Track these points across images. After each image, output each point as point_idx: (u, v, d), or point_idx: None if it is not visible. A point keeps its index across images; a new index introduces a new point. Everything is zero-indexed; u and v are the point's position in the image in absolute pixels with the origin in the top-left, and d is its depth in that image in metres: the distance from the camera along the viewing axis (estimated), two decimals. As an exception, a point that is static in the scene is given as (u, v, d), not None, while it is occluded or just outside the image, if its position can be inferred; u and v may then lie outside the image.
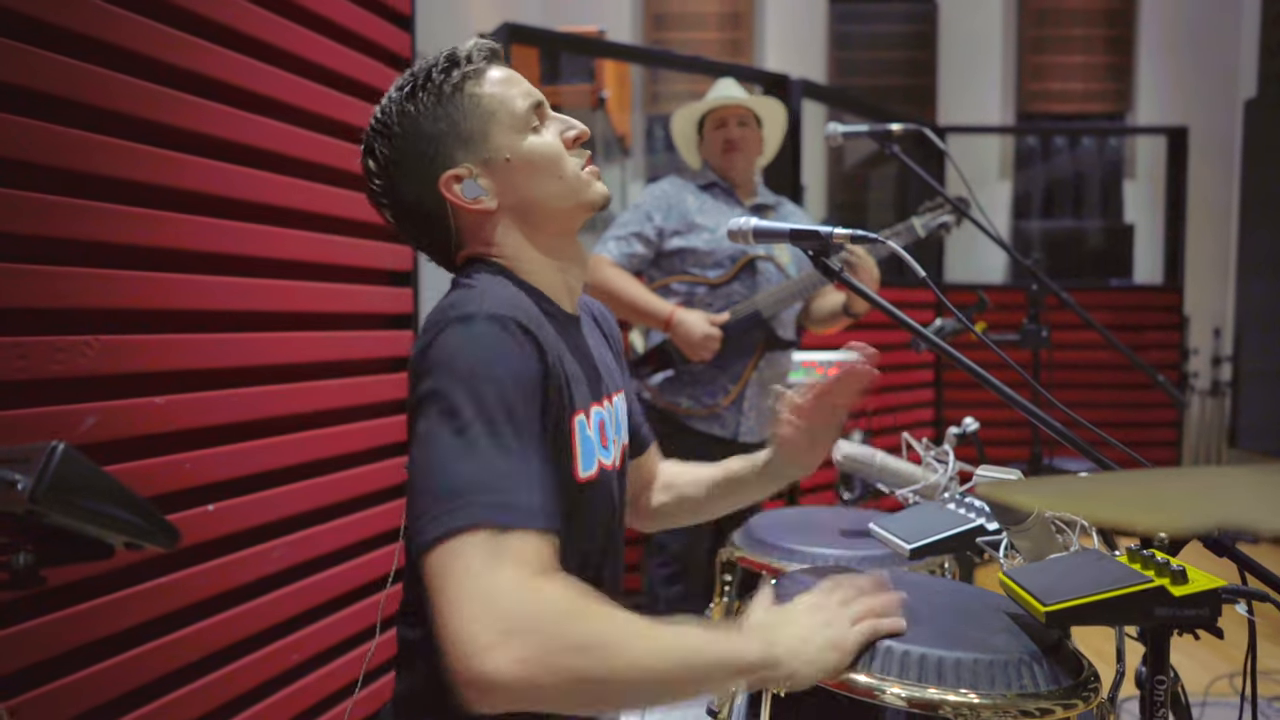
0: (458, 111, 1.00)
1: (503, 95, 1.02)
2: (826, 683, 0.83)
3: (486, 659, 0.69)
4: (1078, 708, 0.82)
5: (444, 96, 1.00)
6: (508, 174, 1.01)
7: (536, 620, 0.71)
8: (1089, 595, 0.81)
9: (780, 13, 5.24)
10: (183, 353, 1.43)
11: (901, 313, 1.15)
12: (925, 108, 5.20)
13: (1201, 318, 5.05)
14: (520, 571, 0.73)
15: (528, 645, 0.70)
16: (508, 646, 0.69)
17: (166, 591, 1.36)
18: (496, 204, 1.01)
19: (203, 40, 1.47)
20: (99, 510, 0.68)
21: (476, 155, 1.01)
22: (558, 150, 1.03)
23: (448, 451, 0.79)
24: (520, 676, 0.69)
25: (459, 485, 0.76)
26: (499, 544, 0.74)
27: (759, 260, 2.25)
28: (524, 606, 0.72)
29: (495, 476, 0.77)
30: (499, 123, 1.01)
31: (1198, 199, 4.80)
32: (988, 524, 1.17)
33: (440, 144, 1.00)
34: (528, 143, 1.02)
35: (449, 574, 0.73)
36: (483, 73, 1.02)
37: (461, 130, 1.00)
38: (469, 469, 0.77)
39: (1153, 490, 0.44)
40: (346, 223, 1.85)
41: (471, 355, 0.84)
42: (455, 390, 0.82)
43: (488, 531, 0.74)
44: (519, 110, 1.02)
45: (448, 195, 1.00)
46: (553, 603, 0.73)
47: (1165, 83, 5.18)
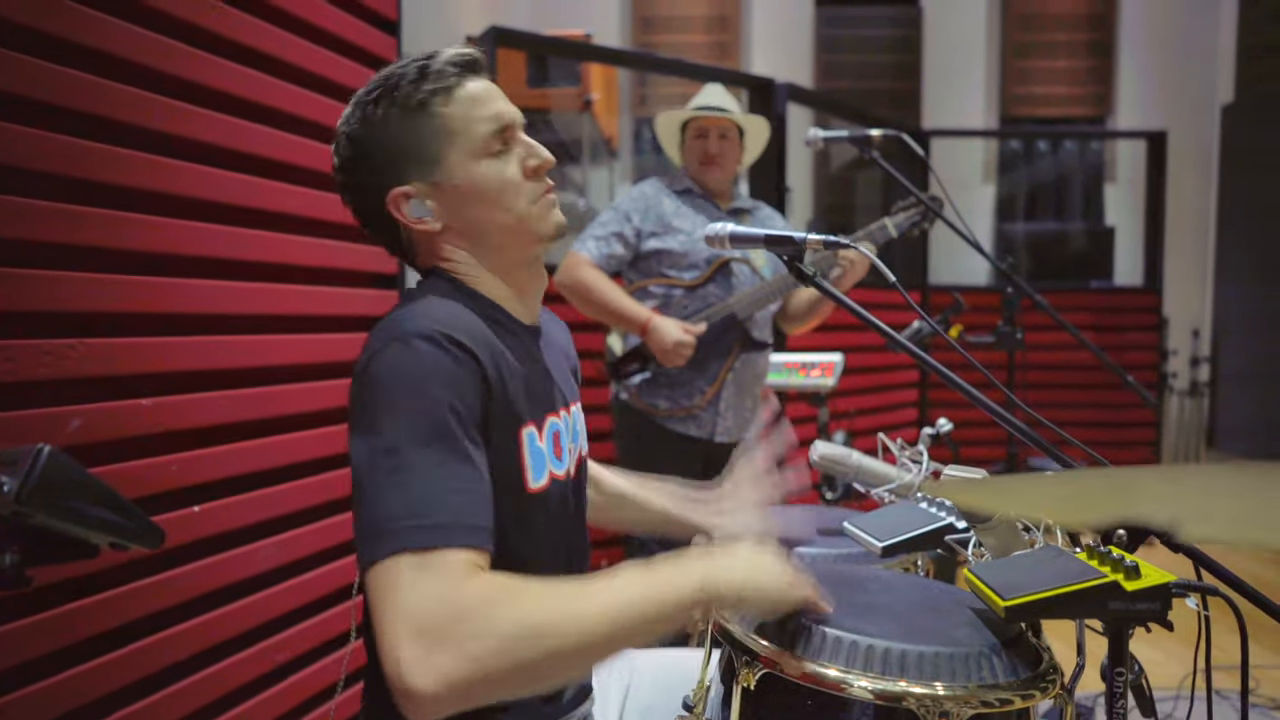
0: (417, 128, 0.99)
1: (466, 116, 0.99)
2: (792, 675, 0.85)
3: (417, 675, 0.71)
4: (1035, 698, 0.85)
5: (406, 110, 0.98)
6: (456, 199, 1.00)
7: (458, 625, 0.73)
8: (1046, 590, 0.84)
9: (767, 16, 5.28)
10: (168, 355, 1.45)
11: (872, 315, 1.18)
12: (910, 111, 5.24)
13: (1180, 319, 5.11)
14: (443, 584, 0.76)
15: (452, 653, 0.72)
16: (431, 659, 0.72)
17: (153, 592, 1.38)
18: (441, 226, 1.01)
19: (187, 45, 1.49)
20: (84, 511, 0.70)
21: (427, 176, 1.00)
22: (511, 182, 1.01)
23: (374, 479, 0.82)
24: (452, 684, 0.72)
25: (383, 513, 0.79)
26: (422, 564, 0.76)
27: (734, 263, 2.28)
28: (445, 615, 0.74)
29: (418, 501, 0.80)
30: (456, 146, 0.99)
31: (1177, 202, 4.86)
32: (957, 522, 1.20)
33: (393, 158, 0.99)
34: (481, 171, 1.00)
35: (376, 599, 0.77)
36: (453, 89, 1.00)
37: (417, 148, 0.99)
38: (393, 497, 0.80)
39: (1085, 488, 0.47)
40: (332, 226, 1.87)
41: (403, 376, 0.85)
42: (384, 415, 0.84)
43: (410, 554, 0.77)
44: (479, 135, 0.99)
45: (393, 212, 1.00)
46: (475, 602, 0.75)
47: (1145, 88, 5.24)
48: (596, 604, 0.79)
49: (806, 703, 0.85)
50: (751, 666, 0.87)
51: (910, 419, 4.38)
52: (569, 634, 0.76)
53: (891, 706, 0.83)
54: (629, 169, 5.28)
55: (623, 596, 0.80)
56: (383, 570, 0.77)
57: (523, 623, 0.75)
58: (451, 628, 0.73)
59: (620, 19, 5.22)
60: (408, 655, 0.72)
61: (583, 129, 4.15)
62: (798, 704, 0.86)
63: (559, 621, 0.76)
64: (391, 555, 0.77)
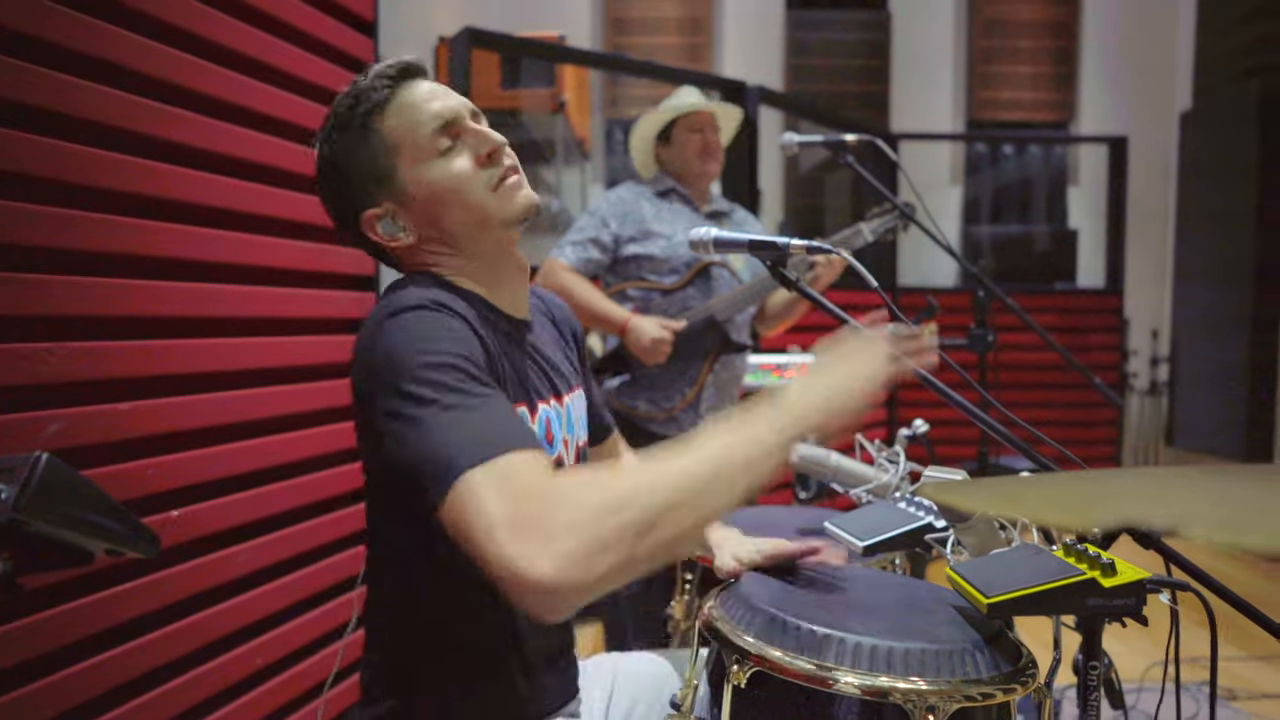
0: (366, 149, 1.00)
1: (405, 125, 1.00)
2: (782, 672, 0.87)
3: (541, 571, 0.68)
4: (1016, 692, 0.88)
5: (354, 135, 1.00)
6: (420, 208, 1.01)
7: (551, 510, 0.71)
8: (1027, 588, 0.87)
9: (738, 19, 5.32)
10: (146, 359, 1.43)
11: (851, 317, 1.20)
12: (879, 114, 5.31)
13: (1140, 320, 5.23)
14: (524, 483, 0.74)
15: (570, 537, 0.69)
16: (551, 549, 0.69)
17: (133, 596, 1.37)
18: (415, 238, 1.03)
19: (164, 46, 1.47)
20: (82, 518, 0.70)
21: (390, 193, 1.01)
22: (463, 176, 1.00)
23: (420, 433, 0.81)
24: (568, 565, 0.68)
25: (441, 450, 0.78)
26: (495, 473, 0.75)
27: (713, 266, 2.30)
28: (544, 507, 0.71)
29: (469, 430, 0.79)
30: (403, 156, 1.00)
31: (1137, 206, 4.98)
32: (936, 522, 1.23)
33: (355, 183, 1.01)
34: (432, 173, 1.00)
35: (462, 523, 0.74)
36: (386, 103, 1.00)
37: (371, 169, 1.00)
38: (446, 435, 0.79)
39: (1068, 489, 0.49)
40: (309, 228, 1.86)
41: (415, 337, 0.87)
42: (408, 382, 0.84)
43: (480, 470, 0.75)
44: (422, 139, 0.99)
45: (370, 235, 1.03)
46: (560, 488, 0.74)
47: (1107, 94, 5.36)
48: (684, 460, 0.77)
49: (796, 699, 0.87)
50: (742, 664, 0.89)
51: (881, 419, 4.44)
52: (662, 490, 0.74)
53: (879, 702, 0.85)
54: (601, 170, 5.29)
55: (711, 444, 0.79)
56: (455, 497, 0.75)
57: (617, 488, 0.73)
58: (546, 511, 0.71)
59: (592, 21, 5.22)
60: (516, 551, 0.69)
61: (556, 130, 4.16)
62: (788, 700, 0.88)
63: (650, 482, 0.74)
64: (461, 477, 0.75)
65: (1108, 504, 0.46)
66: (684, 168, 2.35)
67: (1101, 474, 0.55)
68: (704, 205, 2.39)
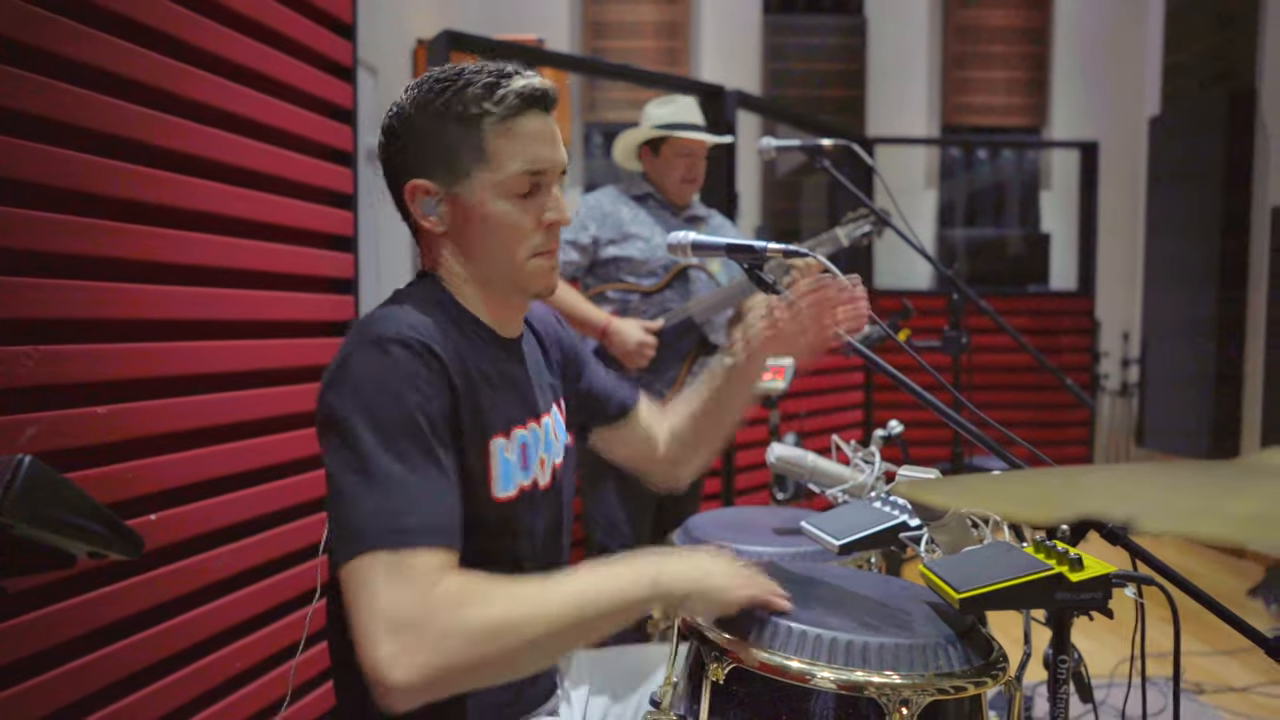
0: (459, 137, 0.99)
1: (508, 148, 0.99)
2: (759, 668, 0.89)
3: (394, 670, 0.76)
4: (987, 685, 0.90)
5: (459, 116, 0.98)
6: (466, 217, 1.02)
7: (430, 623, 0.77)
8: (997, 583, 0.89)
9: (716, 24, 5.35)
10: (123, 362, 1.43)
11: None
12: (855, 119, 5.36)
13: (1111, 322, 5.32)
14: (416, 584, 0.80)
15: (426, 648, 0.77)
16: (409, 654, 0.76)
17: (110, 601, 1.36)
18: (444, 230, 1.04)
19: (142, 48, 1.47)
20: (65, 520, 0.70)
21: (450, 184, 1.01)
22: (519, 229, 1.01)
23: (347, 480, 0.85)
24: (426, 678, 0.76)
25: (356, 514, 0.83)
26: (395, 564, 0.80)
27: (691, 269, 2.32)
28: (418, 614, 0.78)
29: (391, 503, 0.83)
30: (486, 172, 1.00)
31: (1108, 210, 5.06)
32: (910, 520, 1.26)
33: (427, 152, 1.00)
34: (497, 206, 1.00)
35: (353, 598, 0.80)
36: (508, 118, 0.99)
37: (451, 155, 0.99)
38: (368, 498, 0.83)
39: (1036, 486, 0.51)
40: (288, 230, 1.85)
41: (378, 379, 0.88)
42: (359, 418, 0.86)
43: (385, 553, 0.80)
44: (510, 171, 0.99)
45: (407, 200, 1.03)
46: (445, 602, 0.79)
47: (1077, 99, 5.45)
48: (557, 599, 0.84)
49: (772, 694, 0.89)
50: (720, 661, 0.91)
51: (857, 420, 4.49)
52: (533, 629, 0.81)
53: (854, 696, 0.87)
54: (579, 173, 5.30)
55: (582, 592, 0.85)
56: (356, 569, 0.80)
57: (490, 620, 0.80)
58: (424, 626, 0.77)
59: (570, 24, 5.24)
60: (384, 652, 0.76)
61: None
62: (765, 696, 0.90)
63: (523, 618, 0.81)
64: (364, 554, 0.80)
65: (1071, 499, 0.48)
66: (662, 183, 2.38)
67: (1069, 470, 0.57)
68: (682, 211, 2.41)
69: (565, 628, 0.83)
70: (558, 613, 0.83)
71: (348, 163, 2.06)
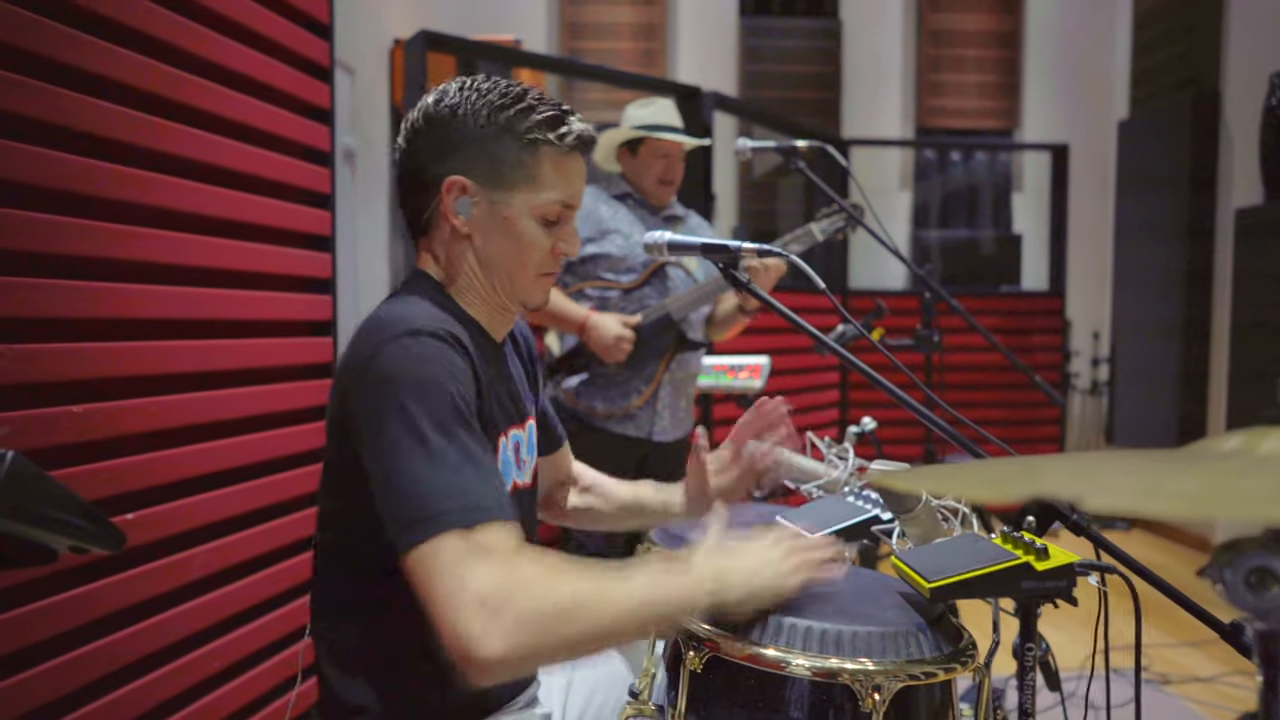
0: (515, 154, 1.04)
1: (551, 179, 1.05)
2: (735, 657, 0.91)
3: (482, 645, 0.77)
4: (956, 671, 0.93)
5: (520, 135, 1.03)
6: (493, 224, 1.06)
7: (516, 599, 0.79)
8: (966, 572, 0.92)
9: (693, 25, 5.38)
10: (99, 361, 1.42)
11: (801, 319, 1.25)
12: (830, 120, 5.42)
13: (1082, 323, 5.41)
14: (493, 560, 0.81)
15: (514, 623, 0.78)
16: (497, 629, 0.77)
17: (89, 600, 1.35)
18: (468, 232, 1.06)
19: (119, 46, 1.46)
20: (48, 515, 0.71)
21: (489, 191, 1.05)
22: (536, 246, 1.07)
23: (413, 462, 0.85)
24: (514, 652, 0.78)
25: (426, 494, 0.83)
26: (470, 541, 0.81)
27: (669, 266, 2.34)
28: (503, 590, 0.79)
29: (458, 481, 0.84)
30: (529, 193, 1.05)
31: (1078, 212, 5.15)
32: (882, 514, 1.28)
33: (479, 156, 1.04)
34: (526, 225, 1.06)
35: (430, 577, 0.81)
36: (562, 153, 1.06)
37: (502, 166, 1.04)
38: (434, 478, 0.84)
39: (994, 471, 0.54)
40: (266, 230, 1.85)
41: (422, 368, 0.90)
42: (411, 403, 0.88)
43: (458, 533, 0.81)
44: (547, 200, 1.06)
45: (443, 192, 1.05)
46: (528, 579, 0.81)
47: (1049, 103, 5.54)
48: (625, 592, 0.85)
49: (749, 682, 0.91)
50: (698, 650, 0.92)
51: (833, 419, 4.53)
52: (605, 614, 0.83)
53: (828, 683, 0.89)
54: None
55: (650, 589, 0.87)
56: (432, 551, 0.81)
57: (569, 600, 0.81)
58: (511, 601, 0.78)
59: (548, 25, 5.25)
60: (474, 627, 0.77)
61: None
62: (741, 683, 0.92)
63: (598, 601, 0.83)
64: (439, 535, 0.81)
65: (1026, 482, 0.50)
66: (640, 183, 2.39)
67: (1029, 458, 0.60)
68: (660, 210, 2.43)
69: (630, 621, 0.86)
70: (627, 600, 0.85)
71: (325, 162, 2.07)
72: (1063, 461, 0.60)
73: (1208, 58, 4.58)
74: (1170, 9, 4.92)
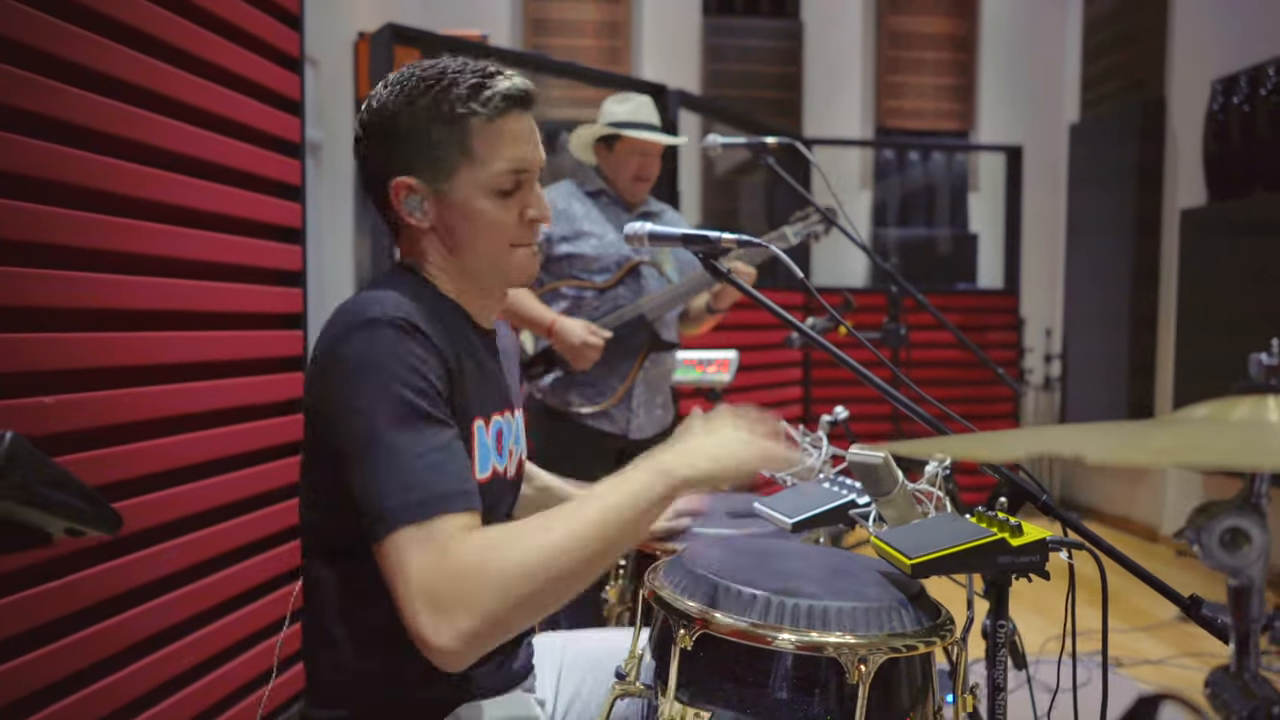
0: (445, 136, 1.00)
1: (492, 150, 1.01)
2: (725, 634, 0.93)
3: (438, 638, 0.79)
4: (936, 644, 0.96)
5: (447, 114, 1.00)
6: (451, 214, 1.04)
7: (460, 586, 0.80)
8: (945, 549, 0.95)
9: (656, 24, 5.41)
10: (71, 352, 1.40)
11: (784, 311, 1.28)
12: (792, 120, 5.48)
13: (1035, 319, 5.55)
14: (440, 551, 0.82)
15: (462, 611, 0.79)
16: (447, 620, 0.79)
17: (59, 595, 1.33)
18: (428, 225, 1.05)
19: (87, 31, 1.44)
20: (49, 496, 0.70)
21: (433, 181, 1.02)
22: (501, 224, 1.04)
23: (363, 462, 0.86)
24: (472, 635, 0.80)
25: (378, 494, 0.85)
26: (420, 536, 0.83)
27: (643, 265, 2.36)
28: (448, 580, 0.80)
29: (408, 478, 0.85)
30: (471, 170, 1.02)
31: (1032, 211, 5.29)
32: (858, 498, 1.32)
33: (411, 150, 1.01)
34: (481, 203, 1.03)
35: (388, 574, 0.83)
36: (494, 119, 1.01)
37: (436, 153, 1.01)
38: (384, 476, 0.85)
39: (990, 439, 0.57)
40: (236, 221, 1.83)
41: (374, 359, 0.90)
42: (361, 397, 0.88)
43: (410, 528, 0.83)
44: (495, 170, 1.02)
45: (392, 198, 1.04)
46: (469, 561, 0.82)
47: (1003, 105, 5.67)
48: (578, 522, 0.86)
49: (739, 657, 0.94)
50: (689, 629, 0.95)
51: (797, 414, 4.59)
52: (560, 559, 0.84)
53: (814, 656, 0.92)
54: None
55: (601, 509, 0.88)
56: (388, 548, 0.83)
57: (517, 567, 0.82)
58: (455, 590, 0.80)
59: (512, 21, 5.23)
60: (426, 622, 0.79)
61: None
62: (731, 659, 0.94)
63: (549, 551, 0.83)
64: (393, 532, 0.83)
65: (1023, 443, 0.54)
66: (615, 179, 2.40)
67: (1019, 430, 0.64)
68: (636, 206, 2.45)
69: (592, 547, 0.85)
70: (582, 534, 0.85)
71: (296, 154, 2.05)
72: (1046, 431, 0.63)
73: (1154, 64, 4.73)
74: (1118, 17, 5.07)
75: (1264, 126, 3.92)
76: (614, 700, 1.04)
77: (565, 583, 0.85)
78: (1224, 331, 4.06)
